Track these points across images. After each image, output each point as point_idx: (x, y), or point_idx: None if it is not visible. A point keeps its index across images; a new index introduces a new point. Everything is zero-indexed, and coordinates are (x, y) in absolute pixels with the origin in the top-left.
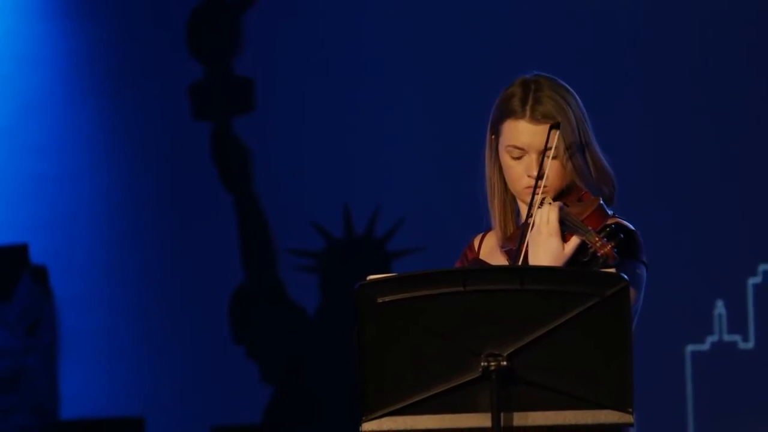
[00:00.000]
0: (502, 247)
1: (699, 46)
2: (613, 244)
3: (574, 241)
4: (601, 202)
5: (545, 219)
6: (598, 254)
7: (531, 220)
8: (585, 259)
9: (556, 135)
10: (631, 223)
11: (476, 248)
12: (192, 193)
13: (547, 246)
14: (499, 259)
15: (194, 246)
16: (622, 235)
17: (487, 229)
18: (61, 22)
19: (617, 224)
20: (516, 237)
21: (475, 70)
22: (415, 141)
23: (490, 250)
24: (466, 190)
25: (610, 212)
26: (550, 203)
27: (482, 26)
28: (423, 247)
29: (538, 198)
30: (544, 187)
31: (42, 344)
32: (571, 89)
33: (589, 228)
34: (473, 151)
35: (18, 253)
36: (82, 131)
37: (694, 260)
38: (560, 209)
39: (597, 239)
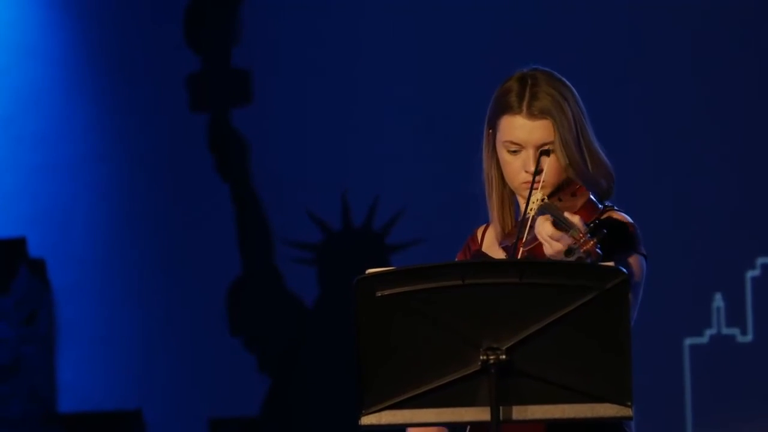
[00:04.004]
0: (500, 243)
1: (698, 38)
2: (595, 240)
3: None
4: (591, 196)
5: (545, 235)
6: (581, 250)
7: (528, 217)
8: (573, 256)
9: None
10: (629, 216)
11: (479, 239)
12: (189, 185)
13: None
14: (500, 252)
15: (191, 238)
16: (605, 231)
17: (489, 221)
18: (58, 13)
19: (603, 219)
20: (514, 233)
21: (474, 61)
22: (414, 132)
23: (492, 243)
24: (466, 182)
25: (600, 206)
26: (544, 199)
27: (481, 18)
28: (422, 240)
29: (536, 194)
30: (543, 181)
31: (39, 335)
32: (568, 83)
33: (574, 223)
34: (472, 143)
35: (16, 246)
36: (80, 123)
37: (692, 253)
38: (549, 206)
39: (581, 235)
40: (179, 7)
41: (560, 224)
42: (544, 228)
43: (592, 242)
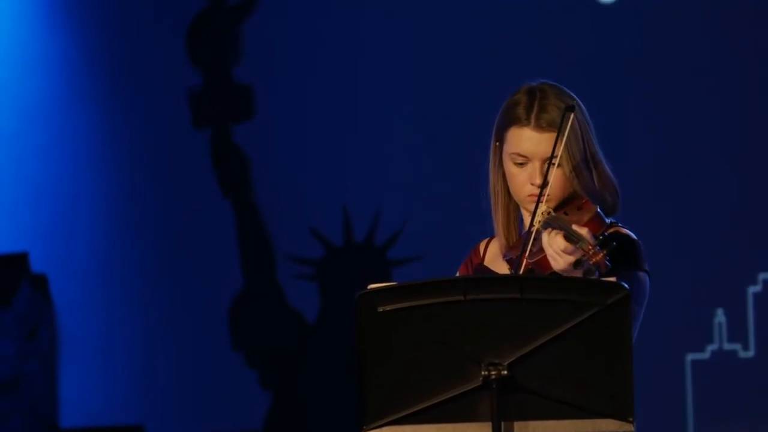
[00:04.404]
0: (504, 255)
1: (701, 57)
2: (605, 252)
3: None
4: (599, 210)
5: (556, 248)
6: (590, 263)
7: (533, 229)
8: (581, 269)
9: (570, 117)
10: (632, 232)
11: (481, 253)
12: (191, 200)
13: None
14: (503, 266)
15: (193, 252)
16: (614, 243)
17: (492, 235)
18: (61, 29)
19: (612, 233)
20: (518, 246)
21: (476, 78)
22: (415, 147)
23: (495, 256)
24: (467, 198)
25: (608, 220)
26: (550, 213)
27: (483, 35)
28: (423, 255)
29: (541, 207)
30: (548, 195)
31: (41, 350)
32: (576, 97)
33: (583, 236)
34: (474, 159)
35: (18, 261)
36: (81, 138)
37: (694, 269)
38: (556, 219)
39: (590, 248)
40: (182, 23)
41: (569, 237)
42: (555, 241)
43: (601, 254)
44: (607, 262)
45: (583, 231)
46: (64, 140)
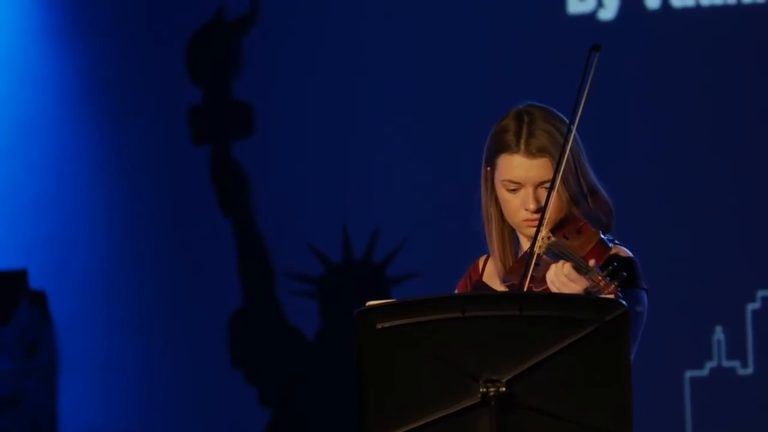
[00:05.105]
0: (504, 281)
1: (702, 74)
2: (616, 283)
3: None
4: (602, 235)
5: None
6: (602, 294)
7: (534, 254)
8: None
9: (571, 137)
10: (629, 249)
11: (480, 269)
12: (190, 217)
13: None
14: (501, 286)
15: (193, 269)
16: (624, 274)
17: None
18: (61, 44)
19: (619, 259)
20: (517, 271)
21: (474, 98)
22: (414, 164)
23: (494, 273)
24: (465, 215)
25: (610, 245)
26: (549, 237)
27: (483, 52)
28: (422, 272)
29: (543, 232)
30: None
31: (40, 367)
32: (564, 118)
33: (592, 266)
34: (473, 176)
35: (17, 278)
36: (80, 155)
37: (692, 286)
38: (558, 245)
39: (600, 278)
40: (181, 40)
41: (578, 268)
42: (563, 270)
43: (612, 286)
44: (619, 293)
45: (591, 263)
46: (63, 156)
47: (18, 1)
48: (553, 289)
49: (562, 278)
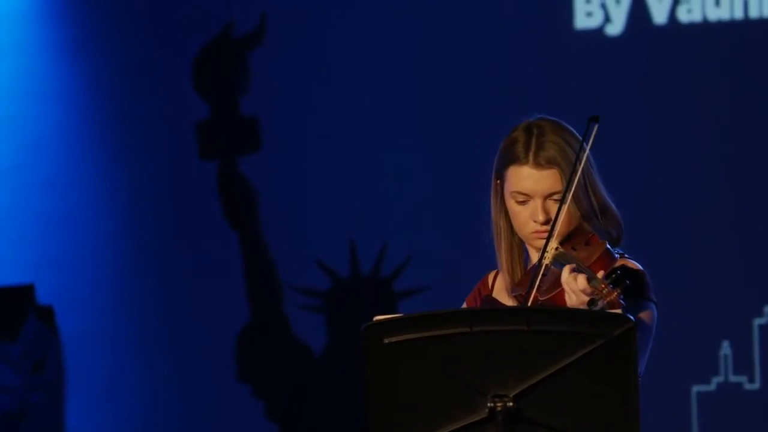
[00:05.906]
0: (511, 292)
1: (710, 89)
2: (619, 291)
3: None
4: (608, 245)
5: (575, 287)
6: (604, 301)
7: (542, 265)
8: (595, 308)
9: (584, 155)
10: (639, 262)
11: (490, 285)
12: (198, 232)
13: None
14: (511, 298)
15: (200, 284)
16: (628, 282)
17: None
18: (68, 62)
19: (624, 268)
20: (526, 282)
21: (483, 110)
22: (422, 180)
23: (503, 288)
24: (474, 229)
25: (617, 255)
26: (557, 248)
27: (490, 68)
28: (429, 287)
29: (552, 244)
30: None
31: (47, 382)
32: (574, 131)
33: (596, 275)
34: (480, 190)
35: (24, 293)
36: (87, 170)
37: (699, 301)
38: (565, 256)
39: (603, 286)
40: (189, 55)
41: (587, 276)
42: (577, 281)
43: (615, 293)
44: (621, 301)
45: (599, 274)
46: (70, 172)
47: (25, 19)
48: (567, 296)
49: (572, 286)
